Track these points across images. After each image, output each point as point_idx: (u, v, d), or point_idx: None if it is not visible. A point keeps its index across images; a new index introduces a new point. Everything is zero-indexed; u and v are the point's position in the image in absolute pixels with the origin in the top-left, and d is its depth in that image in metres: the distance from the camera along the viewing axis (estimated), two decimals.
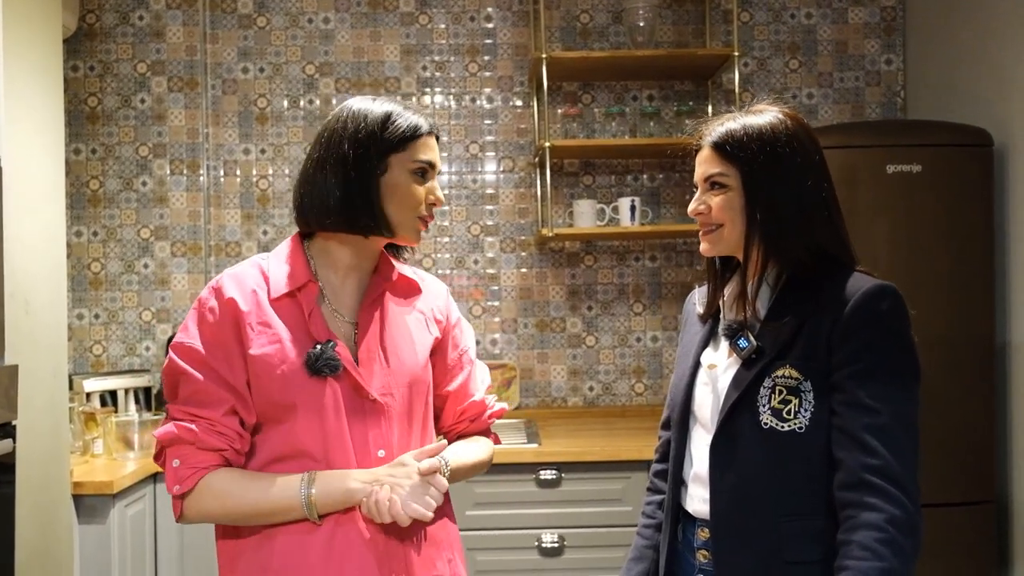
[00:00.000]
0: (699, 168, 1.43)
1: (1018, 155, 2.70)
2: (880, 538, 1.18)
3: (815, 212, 1.34)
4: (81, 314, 3.29)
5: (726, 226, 1.38)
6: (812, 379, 1.28)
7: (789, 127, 1.36)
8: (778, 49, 3.44)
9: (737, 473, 1.32)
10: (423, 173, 1.40)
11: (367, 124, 1.37)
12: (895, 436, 1.23)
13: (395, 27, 3.42)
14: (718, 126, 1.40)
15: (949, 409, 2.64)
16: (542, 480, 2.69)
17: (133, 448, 2.63)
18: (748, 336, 1.34)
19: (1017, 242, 2.71)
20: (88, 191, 3.29)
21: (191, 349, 1.34)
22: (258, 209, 3.38)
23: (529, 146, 3.41)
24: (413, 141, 1.38)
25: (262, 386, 1.33)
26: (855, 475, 1.22)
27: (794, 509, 1.29)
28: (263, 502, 1.31)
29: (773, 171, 1.34)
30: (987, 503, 2.69)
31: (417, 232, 1.42)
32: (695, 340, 1.48)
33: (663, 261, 3.41)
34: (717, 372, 1.40)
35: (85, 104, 3.30)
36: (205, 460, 1.32)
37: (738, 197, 1.36)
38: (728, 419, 1.34)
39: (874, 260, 2.61)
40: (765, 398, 1.30)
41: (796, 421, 1.28)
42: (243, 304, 1.35)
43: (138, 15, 3.31)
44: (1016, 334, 2.71)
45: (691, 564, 1.41)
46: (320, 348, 1.33)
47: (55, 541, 2.18)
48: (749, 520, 1.31)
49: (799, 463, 1.29)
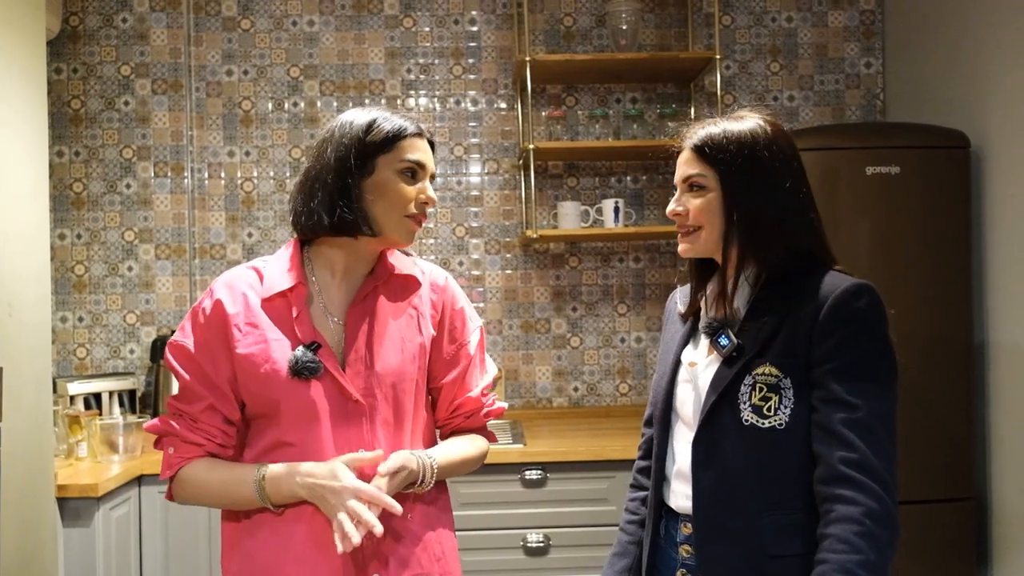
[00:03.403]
0: (679, 170, 1.46)
1: (994, 157, 2.74)
2: (857, 531, 1.20)
3: (792, 214, 1.37)
4: (65, 317, 3.27)
5: (704, 228, 1.40)
6: (791, 376, 1.31)
7: (768, 132, 1.39)
8: (759, 52, 3.47)
9: (719, 469, 1.34)
10: (412, 173, 1.43)
11: (352, 130, 1.42)
12: (872, 430, 1.25)
13: (379, 30, 3.43)
14: (699, 129, 1.43)
15: (929, 407, 2.67)
16: (527, 480, 2.71)
17: (118, 451, 2.62)
18: (729, 334, 1.37)
19: (993, 242, 2.75)
20: (71, 193, 3.28)
21: (182, 348, 1.43)
22: (243, 211, 3.38)
23: (513, 148, 3.43)
24: (398, 141, 1.42)
25: (248, 384, 1.39)
26: (833, 469, 1.25)
27: (775, 504, 1.31)
28: (228, 493, 1.40)
29: (751, 174, 1.37)
30: (967, 500, 2.72)
31: (408, 232, 1.44)
32: (676, 338, 1.51)
33: (647, 262, 3.44)
34: (697, 370, 1.42)
35: (68, 106, 3.28)
36: (189, 451, 1.42)
37: (716, 199, 1.39)
38: (709, 416, 1.36)
39: (854, 260, 2.65)
40: (746, 395, 1.33)
41: (776, 418, 1.31)
42: (231, 306, 1.41)
43: (122, 17, 3.30)
44: (993, 333, 2.75)
45: (673, 559, 1.43)
46: (302, 351, 1.37)
47: (39, 544, 2.17)
48: (731, 515, 1.33)
49: (780, 459, 1.31)
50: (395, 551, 1.40)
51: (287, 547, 1.37)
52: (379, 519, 1.30)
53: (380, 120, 1.42)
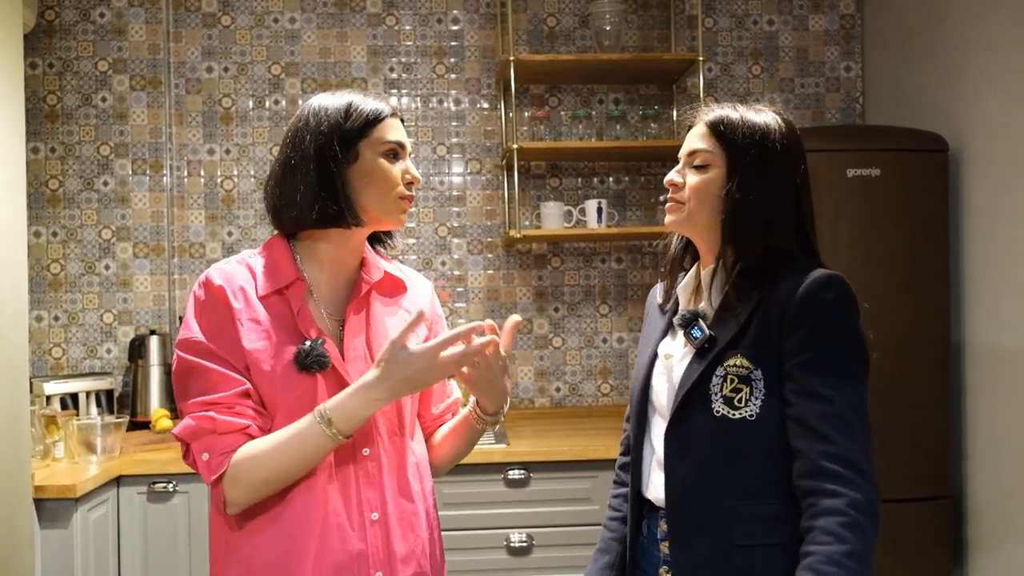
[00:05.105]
0: (688, 142, 1.43)
1: (972, 159, 2.78)
2: (843, 522, 1.21)
3: (786, 215, 1.37)
4: (40, 316, 3.22)
5: (696, 205, 1.39)
6: (762, 367, 1.31)
7: (783, 130, 1.39)
8: (741, 55, 3.49)
9: (691, 461, 1.35)
10: (395, 154, 1.40)
11: (329, 117, 1.37)
12: (848, 423, 1.26)
13: (362, 28, 3.41)
14: (717, 109, 1.42)
15: (907, 406, 2.70)
16: (510, 480, 2.70)
17: (96, 452, 2.58)
18: (701, 326, 1.37)
19: (971, 244, 2.79)
20: (47, 191, 3.23)
21: (196, 342, 1.33)
22: (222, 210, 3.35)
23: (496, 148, 3.42)
24: (378, 123, 1.38)
25: (252, 380, 1.34)
26: (813, 464, 1.25)
27: (746, 495, 1.31)
28: (290, 451, 1.29)
29: (758, 165, 1.36)
30: (943, 498, 2.76)
31: (401, 213, 1.41)
32: (655, 331, 1.51)
33: (629, 263, 3.45)
34: (673, 362, 1.42)
35: (44, 102, 3.24)
36: (230, 443, 1.30)
37: (717, 181, 1.38)
38: (682, 408, 1.36)
39: (834, 261, 2.65)
40: (717, 387, 1.33)
41: (747, 409, 1.31)
42: (233, 300, 1.35)
43: (99, 12, 3.26)
44: (971, 333, 2.79)
45: (656, 556, 1.43)
46: (310, 345, 1.33)
47: (16, 545, 2.13)
48: (703, 507, 1.33)
49: (751, 450, 1.31)
50: (397, 550, 1.37)
51: (288, 550, 1.32)
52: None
53: (356, 103, 1.38)
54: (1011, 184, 2.59)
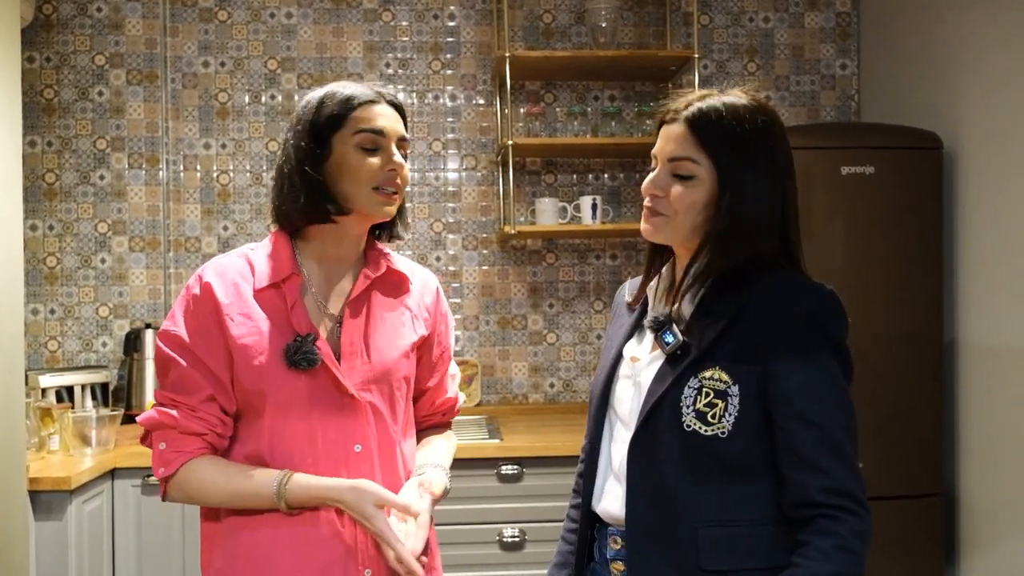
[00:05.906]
0: (665, 144, 1.29)
1: (966, 158, 2.79)
2: (838, 544, 1.16)
3: (774, 222, 1.28)
4: (36, 309, 3.23)
5: (680, 217, 1.28)
6: (740, 384, 1.21)
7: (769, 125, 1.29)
8: (736, 52, 3.50)
9: (654, 477, 1.24)
10: (373, 143, 1.36)
11: (305, 113, 1.39)
12: (840, 447, 1.19)
13: (358, 23, 3.41)
14: (696, 102, 1.28)
15: (900, 404, 2.71)
16: (503, 475, 2.71)
17: (91, 444, 2.59)
18: (675, 331, 1.27)
19: (965, 242, 2.80)
20: (44, 184, 3.24)
21: (175, 336, 1.35)
22: (218, 204, 3.36)
23: (492, 144, 3.43)
24: (350, 114, 1.36)
25: (241, 376, 1.34)
26: (808, 495, 1.18)
27: (712, 515, 1.22)
28: (239, 495, 1.33)
29: (751, 172, 1.25)
30: (936, 496, 2.77)
31: (380, 205, 1.37)
32: (621, 331, 1.41)
33: (623, 260, 3.46)
34: (639, 366, 1.32)
35: (41, 96, 3.24)
36: (189, 445, 1.34)
37: (705, 195, 1.26)
38: (649, 418, 1.25)
39: (829, 259, 2.68)
40: (690, 399, 1.22)
41: (720, 425, 1.21)
42: (223, 295, 1.35)
43: (96, 6, 3.26)
44: (964, 332, 2.80)
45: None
46: (299, 341, 1.33)
47: (11, 537, 2.14)
48: (666, 525, 1.23)
49: (720, 468, 1.22)
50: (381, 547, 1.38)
51: (275, 542, 1.33)
52: None
53: (328, 96, 1.37)
54: (1005, 183, 2.60)
